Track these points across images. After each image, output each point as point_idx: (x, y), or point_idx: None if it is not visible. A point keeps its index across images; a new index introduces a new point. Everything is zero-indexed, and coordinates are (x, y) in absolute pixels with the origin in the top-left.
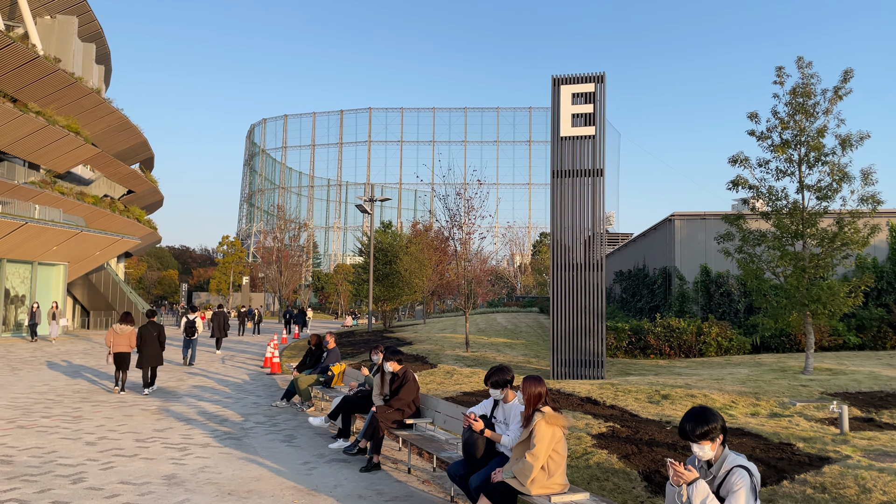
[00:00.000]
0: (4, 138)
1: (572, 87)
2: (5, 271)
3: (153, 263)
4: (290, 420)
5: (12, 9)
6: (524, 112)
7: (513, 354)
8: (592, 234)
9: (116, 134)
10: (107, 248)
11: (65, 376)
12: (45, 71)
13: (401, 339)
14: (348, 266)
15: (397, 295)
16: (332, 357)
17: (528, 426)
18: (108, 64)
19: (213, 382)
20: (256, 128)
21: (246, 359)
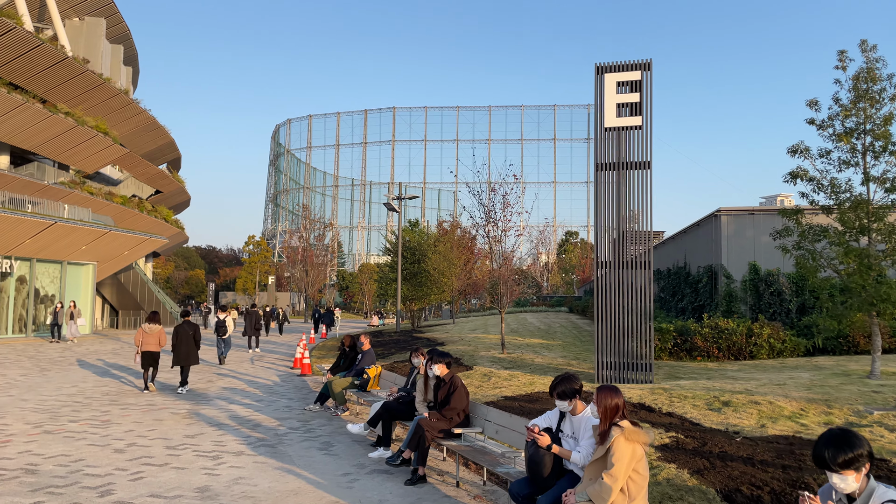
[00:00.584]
0: (34, 139)
1: (617, 74)
2: (35, 271)
3: (180, 263)
4: (325, 425)
5: (41, 11)
6: (549, 110)
7: (551, 356)
8: (639, 230)
9: (144, 134)
10: (135, 248)
11: (93, 377)
12: (73, 72)
13: (432, 340)
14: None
15: (425, 294)
16: (368, 359)
17: (605, 443)
18: (135, 65)
19: (244, 384)
20: (281, 128)
21: (275, 359)
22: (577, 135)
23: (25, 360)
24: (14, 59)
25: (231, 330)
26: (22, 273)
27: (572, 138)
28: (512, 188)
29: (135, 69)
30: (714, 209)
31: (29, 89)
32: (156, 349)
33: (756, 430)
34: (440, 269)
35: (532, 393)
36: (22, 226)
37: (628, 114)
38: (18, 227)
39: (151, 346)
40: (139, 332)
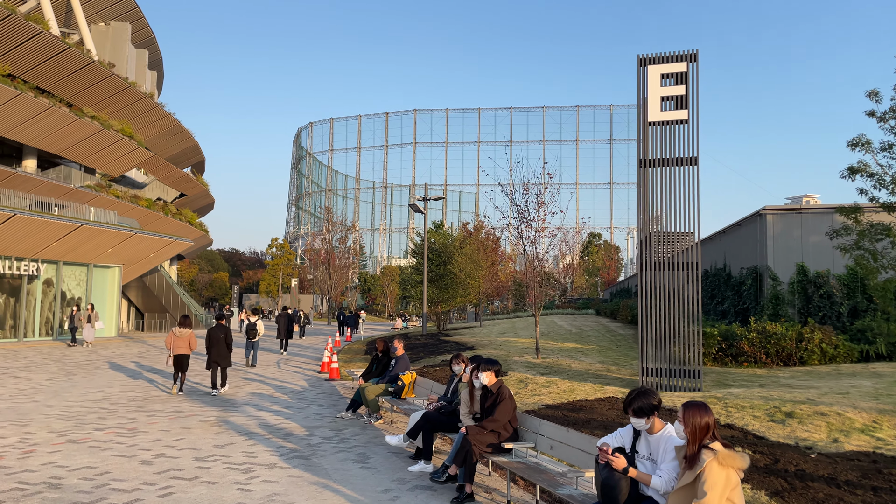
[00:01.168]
0: (61, 143)
1: (661, 66)
2: (62, 274)
3: (204, 266)
4: (359, 434)
5: (68, 16)
6: (571, 111)
7: (588, 361)
8: (686, 229)
9: (169, 138)
10: (160, 250)
11: (119, 382)
12: (99, 76)
13: (460, 344)
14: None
15: (451, 296)
16: (402, 365)
17: (694, 468)
18: (160, 70)
19: (272, 389)
20: (303, 131)
21: (301, 363)
22: (599, 136)
23: (52, 364)
24: (41, 63)
25: (261, 333)
26: (49, 276)
27: (594, 139)
28: (546, 187)
29: (159, 73)
30: (759, 208)
31: (55, 93)
32: (186, 352)
33: (829, 445)
34: (467, 270)
35: (574, 401)
36: (49, 228)
37: (673, 107)
38: (45, 230)
39: (182, 349)
40: (170, 335)
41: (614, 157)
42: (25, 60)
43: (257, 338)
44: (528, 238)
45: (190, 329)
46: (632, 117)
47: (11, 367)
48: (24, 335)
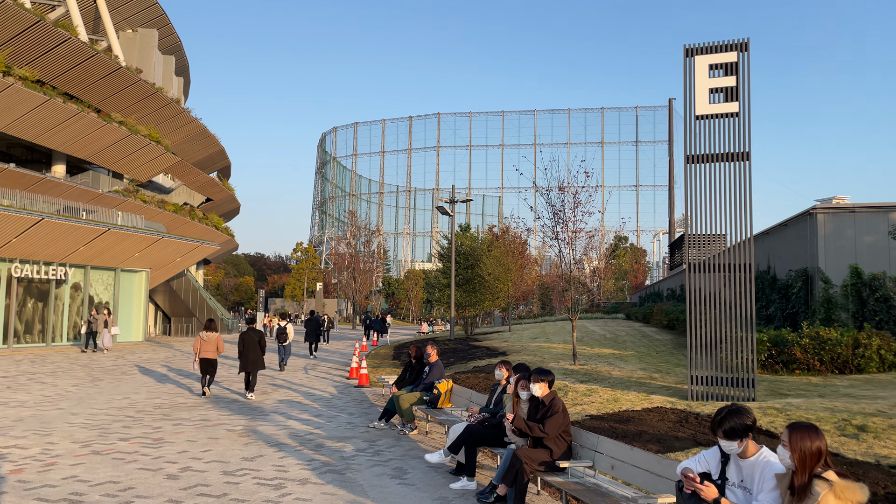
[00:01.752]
0: (89, 148)
1: (709, 56)
2: (89, 278)
3: (230, 270)
4: (393, 446)
5: (96, 23)
6: (596, 113)
7: (629, 368)
8: (737, 228)
9: (195, 143)
10: (187, 255)
11: (146, 388)
12: (127, 81)
13: (491, 349)
14: (419, 272)
15: (479, 300)
16: (436, 372)
17: (805, 500)
18: (186, 76)
19: (300, 396)
20: (327, 136)
21: (329, 368)
22: (624, 138)
23: (78, 369)
24: (69, 69)
25: (291, 337)
26: (76, 280)
27: (620, 141)
28: (583, 187)
29: (186, 79)
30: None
31: (84, 99)
32: (213, 356)
33: None
34: (495, 274)
35: (619, 412)
36: (76, 233)
37: (722, 100)
38: (73, 234)
39: (209, 353)
40: (197, 339)
41: (640, 159)
42: (54, 66)
43: (288, 341)
44: (563, 240)
45: (216, 333)
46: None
47: (38, 372)
48: (51, 340)
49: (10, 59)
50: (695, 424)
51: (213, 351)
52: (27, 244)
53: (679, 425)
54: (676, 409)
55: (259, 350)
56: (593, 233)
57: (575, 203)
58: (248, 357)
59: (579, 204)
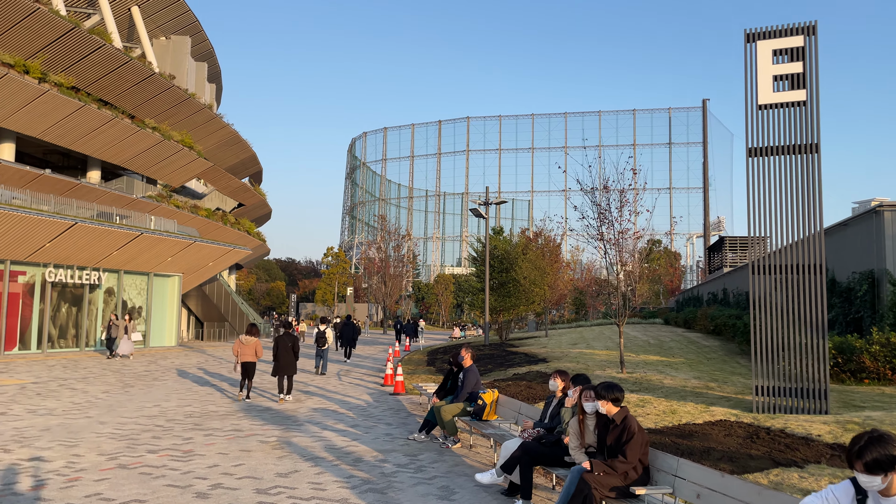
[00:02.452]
0: (123, 154)
1: (773, 41)
2: (123, 283)
3: (262, 275)
4: (437, 462)
5: (130, 31)
6: (627, 115)
7: (682, 377)
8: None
9: (227, 148)
10: (219, 259)
11: (177, 395)
12: (160, 87)
13: (530, 355)
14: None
15: (514, 305)
16: (471, 378)
17: None
18: (218, 82)
19: (335, 405)
20: (357, 141)
21: (362, 374)
22: (657, 140)
23: (110, 375)
24: (104, 76)
25: (330, 341)
26: (110, 285)
27: (653, 143)
28: (632, 185)
29: (218, 86)
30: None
31: (118, 105)
32: (252, 359)
33: None
34: (531, 277)
35: (679, 425)
36: (109, 237)
37: (788, 87)
38: (106, 239)
39: (248, 357)
40: (237, 342)
41: (673, 161)
42: (89, 73)
43: (326, 346)
44: (609, 241)
45: (256, 338)
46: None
47: (70, 378)
48: (85, 345)
49: (45, 66)
50: (767, 441)
51: (251, 354)
52: (61, 249)
53: (749, 441)
54: (742, 423)
55: (292, 354)
56: (640, 233)
57: (621, 202)
58: (281, 361)
59: (626, 203)
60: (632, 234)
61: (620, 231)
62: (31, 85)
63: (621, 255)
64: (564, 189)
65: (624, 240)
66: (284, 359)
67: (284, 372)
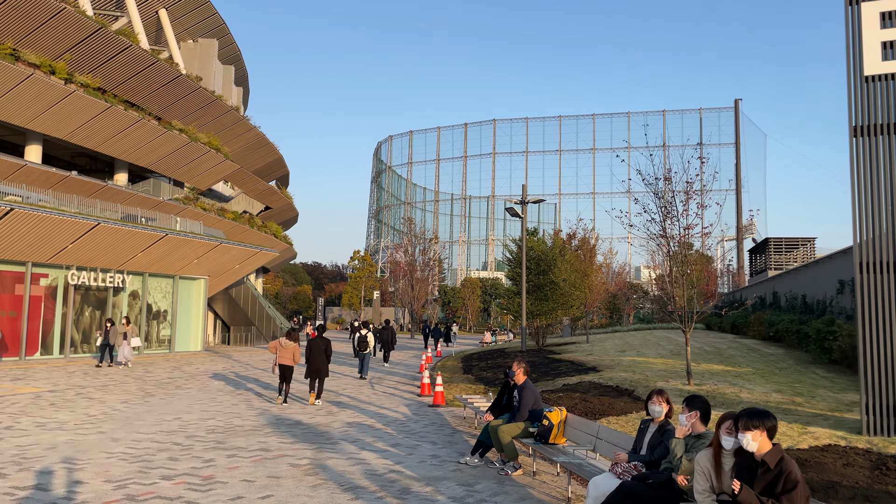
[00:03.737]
0: (150, 156)
1: (881, 2)
2: (147, 286)
3: (288, 279)
4: (498, 494)
5: (158, 34)
6: (657, 116)
7: (760, 390)
8: None
9: (254, 151)
10: (246, 261)
11: (199, 406)
12: (187, 89)
13: (576, 363)
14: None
15: (552, 309)
16: (528, 395)
17: None
18: (245, 86)
19: (370, 418)
20: (383, 145)
21: (396, 382)
22: (688, 140)
23: (131, 382)
24: (130, 77)
25: (371, 345)
26: (134, 288)
27: (683, 144)
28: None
29: (245, 89)
30: None
31: (144, 107)
32: (290, 363)
33: None
34: (571, 280)
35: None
36: (133, 238)
37: None
38: (130, 240)
39: (286, 360)
40: (276, 343)
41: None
42: (116, 74)
43: (368, 349)
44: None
45: (295, 343)
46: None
47: (89, 386)
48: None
49: (71, 67)
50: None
51: (289, 358)
52: (84, 250)
53: (880, 474)
54: (858, 449)
55: (325, 358)
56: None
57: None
58: (313, 365)
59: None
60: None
61: (687, 227)
62: (57, 86)
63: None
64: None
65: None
66: (317, 362)
67: (317, 375)
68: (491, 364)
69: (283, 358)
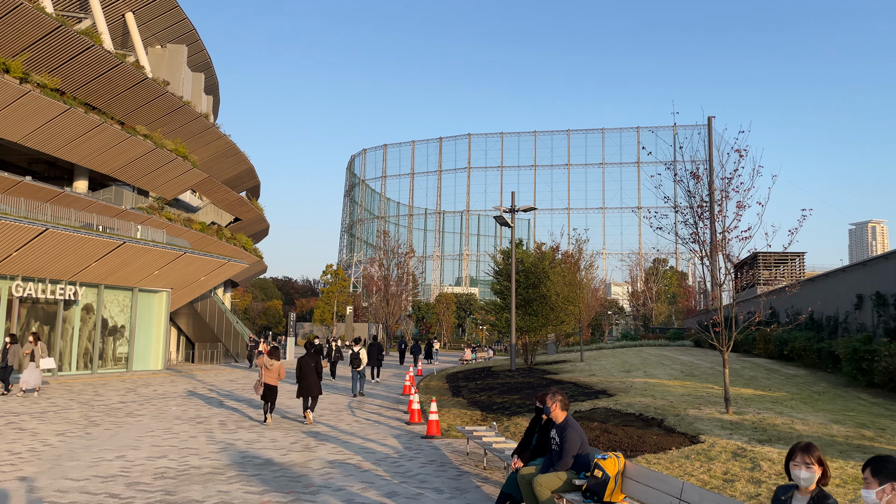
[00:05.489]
0: (112, 163)
1: None
2: (103, 299)
3: (258, 294)
4: None
5: (124, 38)
6: (631, 132)
7: (814, 420)
8: None
9: (224, 160)
10: (212, 273)
11: (150, 438)
12: (153, 93)
13: (582, 385)
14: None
15: (542, 324)
16: (573, 436)
17: None
18: (216, 95)
19: (355, 454)
20: (357, 158)
21: (378, 406)
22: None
23: (76, 408)
24: (93, 79)
25: (365, 362)
26: (88, 301)
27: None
28: (737, 170)
29: (215, 98)
30: None
31: (107, 111)
32: (274, 382)
33: None
34: (564, 294)
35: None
36: (88, 246)
37: None
38: (84, 248)
39: (271, 380)
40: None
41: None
42: (76, 76)
43: (362, 367)
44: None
45: (279, 361)
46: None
47: (25, 413)
48: (59, 369)
49: (28, 67)
50: None
51: (275, 378)
52: (31, 259)
53: None
54: None
55: (316, 376)
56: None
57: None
58: (303, 383)
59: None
60: (738, 235)
61: (724, 230)
62: (11, 84)
63: (726, 261)
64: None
65: (728, 242)
66: (309, 380)
67: (309, 393)
68: (482, 385)
69: (269, 378)
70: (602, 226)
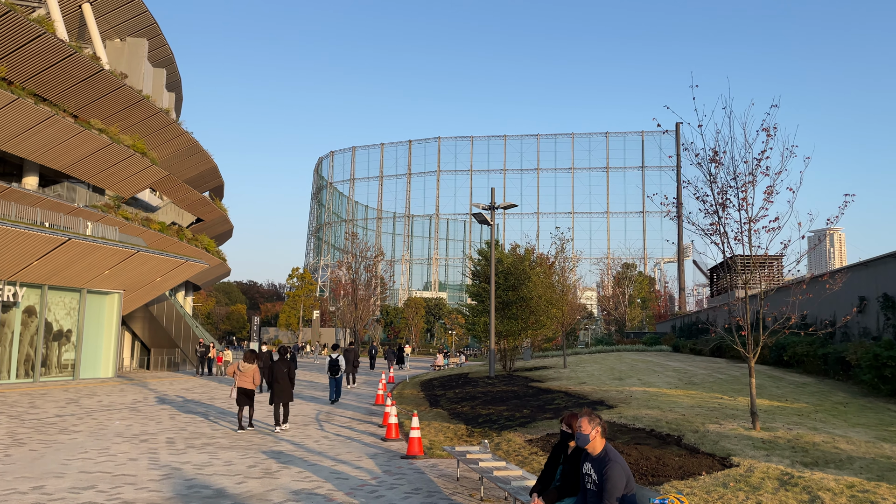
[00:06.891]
0: (64, 158)
1: None
2: (47, 300)
3: (221, 298)
4: None
5: (81, 30)
6: (600, 137)
7: (857, 437)
8: None
9: (185, 159)
10: (169, 274)
11: (80, 463)
12: (110, 86)
13: (574, 395)
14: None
15: (522, 329)
16: (617, 474)
17: None
18: (178, 92)
19: (325, 481)
20: (324, 161)
21: (349, 420)
22: (630, 163)
23: (3, 423)
24: (44, 69)
25: (343, 368)
26: (30, 303)
27: (625, 166)
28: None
29: (178, 96)
30: None
31: (59, 104)
32: (251, 387)
33: None
34: (547, 297)
35: None
36: (27, 242)
37: None
38: (24, 245)
39: (247, 384)
40: (234, 367)
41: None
42: (26, 66)
43: (340, 373)
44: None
45: (254, 364)
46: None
47: None
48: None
49: None
50: None
51: (250, 381)
52: None
53: None
54: None
55: (289, 381)
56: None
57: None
58: (276, 389)
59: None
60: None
61: (750, 219)
62: None
63: (754, 255)
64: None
65: (755, 232)
66: (278, 387)
67: (280, 399)
68: (461, 394)
69: (244, 381)
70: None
